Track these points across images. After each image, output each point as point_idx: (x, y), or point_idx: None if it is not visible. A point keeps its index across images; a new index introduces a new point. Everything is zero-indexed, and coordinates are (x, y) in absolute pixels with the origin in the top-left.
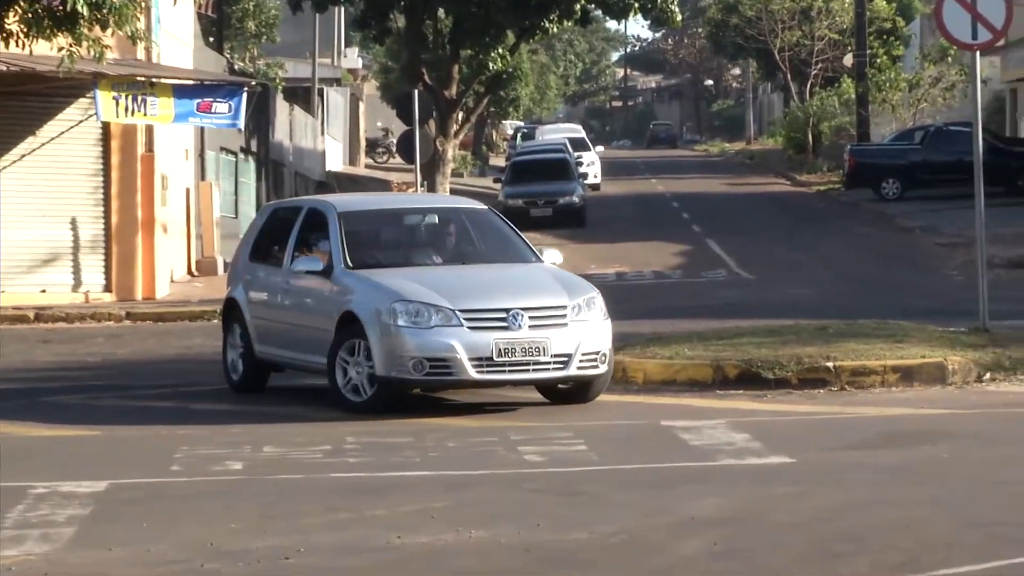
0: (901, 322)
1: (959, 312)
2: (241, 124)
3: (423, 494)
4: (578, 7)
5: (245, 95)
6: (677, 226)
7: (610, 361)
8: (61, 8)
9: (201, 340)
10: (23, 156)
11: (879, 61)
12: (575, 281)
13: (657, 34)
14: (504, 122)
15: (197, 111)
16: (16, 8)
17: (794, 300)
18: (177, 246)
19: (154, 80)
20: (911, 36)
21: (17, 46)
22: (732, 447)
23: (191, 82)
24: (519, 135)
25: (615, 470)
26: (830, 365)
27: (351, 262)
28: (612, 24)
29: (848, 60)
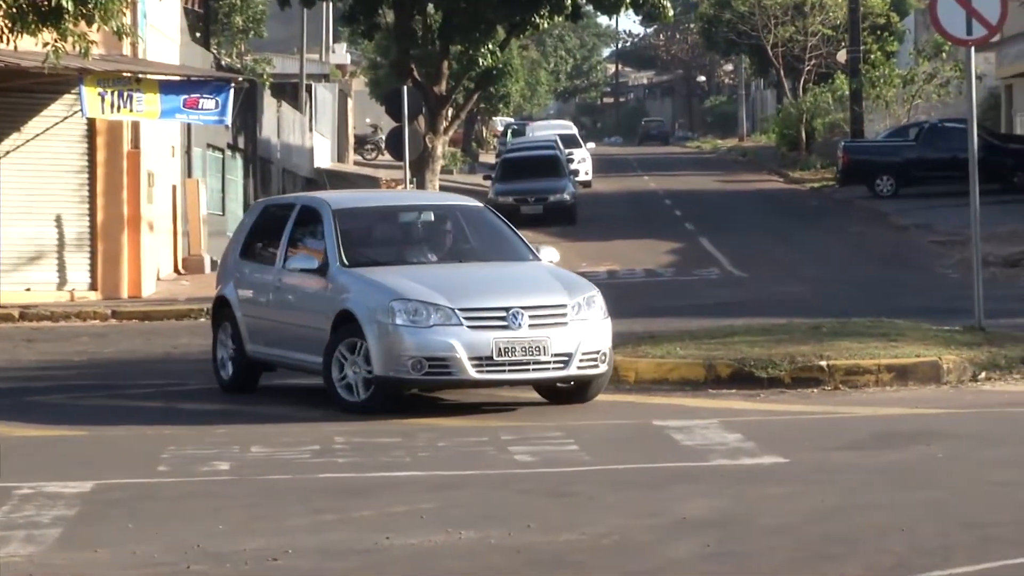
0: (895, 321)
1: (954, 311)
2: (228, 121)
3: (412, 495)
4: (569, 2)
5: (232, 91)
6: (669, 224)
7: (610, 361)
8: (46, 3)
9: (188, 339)
10: (7, 153)
11: (873, 57)
12: (574, 279)
13: (649, 29)
14: (494, 119)
15: (184, 107)
16: (0, 3)
17: (787, 298)
18: (163, 244)
19: (140, 76)
20: (905, 32)
21: (1, 41)
22: (724, 447)
23: (178, 78)
24: (509, 132)
25: (606, 470)
26: (824, 364)
27: (347, 260)
28: (603, 19)
29: (842, 56)
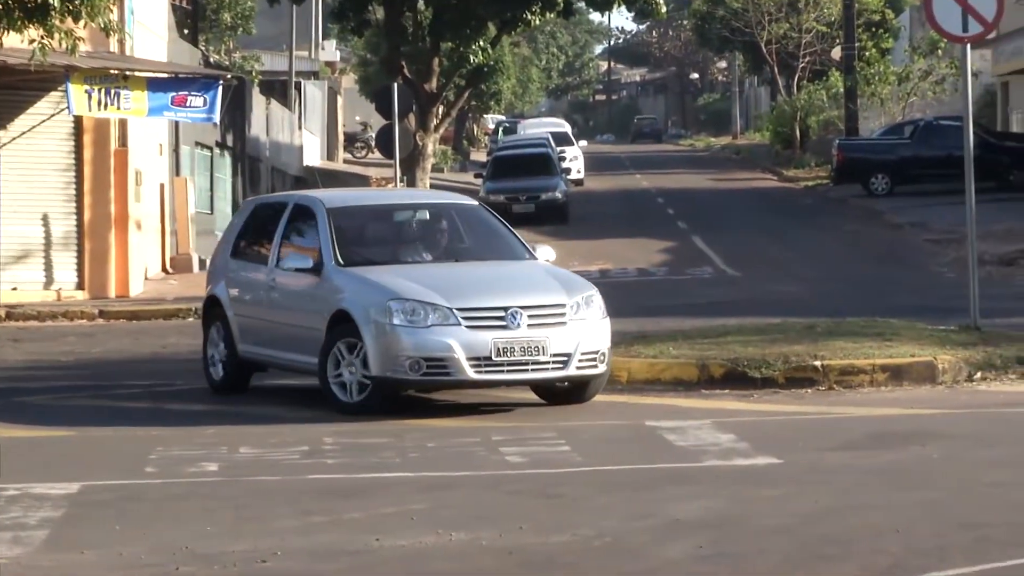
0: (890, 320)
1: (949, 310)
2: (217, 118)
3: (402, 496)
4: None
5: (221, 89)
6: (662, 222)
7: (609, 361)
8: None
9: (176, 339)
10: None
11: (868, 54)
12: (572, 279)
13: (641, 26)
14: (485, 116)
15: (172, 105)
16: None
17: (781, 298)
18: (151, 243)
19: (128, 73)
20: (900, 28)
21: None
22: (718, 448)
23: (165, 75)
24: (501, 129)
25: (598, 471)
26: (818, 364)
27: (342, 259)
28: (595, 16)
29: (836, 53)
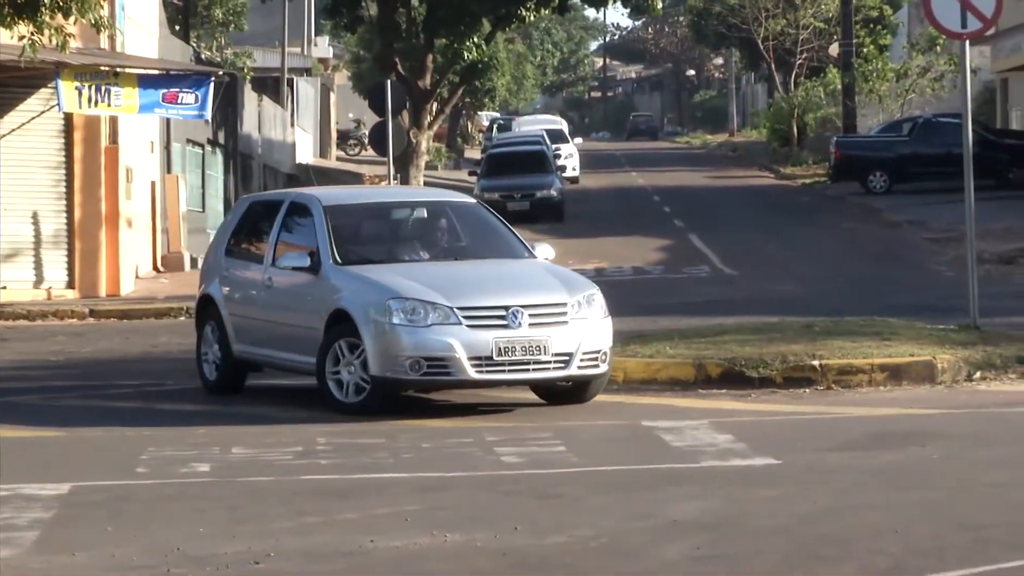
0: (889, 319)
1: (948, 309)
2: (208, 115)
3: (396, 497)
4: None
5: (212, 85)
6: (658, 221)
7: (610, 360)
8: None
9: (167, 338)
10: None
11: (866, 50)
12: (574, 277)
13: (637, 23)
14: (480, 113)
15: (163, 102)
16: None
17: (779, 297)
18: (142, 241)
19: (118, 70)
20: (899, 25)
21: None
22: (715, 448)
23: (156, 72)
24: (495, 126)
25: (594, 472)
26: (816, 364)
27: (339, 258)
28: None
29: (834, 49)
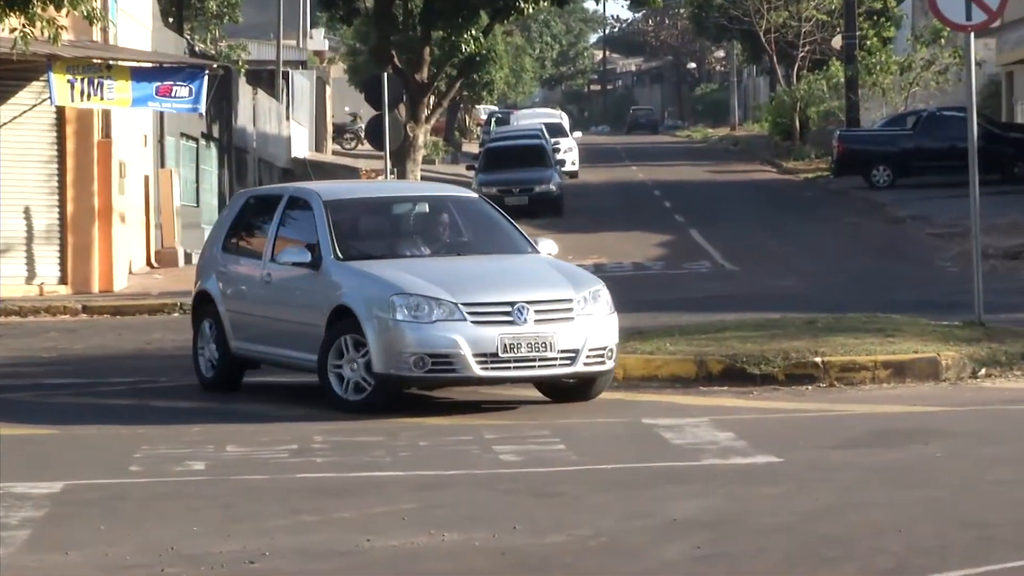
0: (892, 315)
1: (953, 305)
2: (202, 109)
3: (394, 495)
4: None
5: (206, 78)
6: (658, 215)
7: (616, 357)
8: None
9: (161, 334)
10: None
11: (869, 43)
12: (579, 273)
13: (637, 15)
14: (477, 107)
15: (156, 95)
16: None
17: (780, 293)
18: (136, 236)
19: (111, 62)
20: (902, 17)
21: None
22: (716, 446)
23: (150, 65)
24: (493, 120)
25: (594, 470)
26: (818, 360)
27: (341, 253)
28: (590, 4)
29: (837, 42)
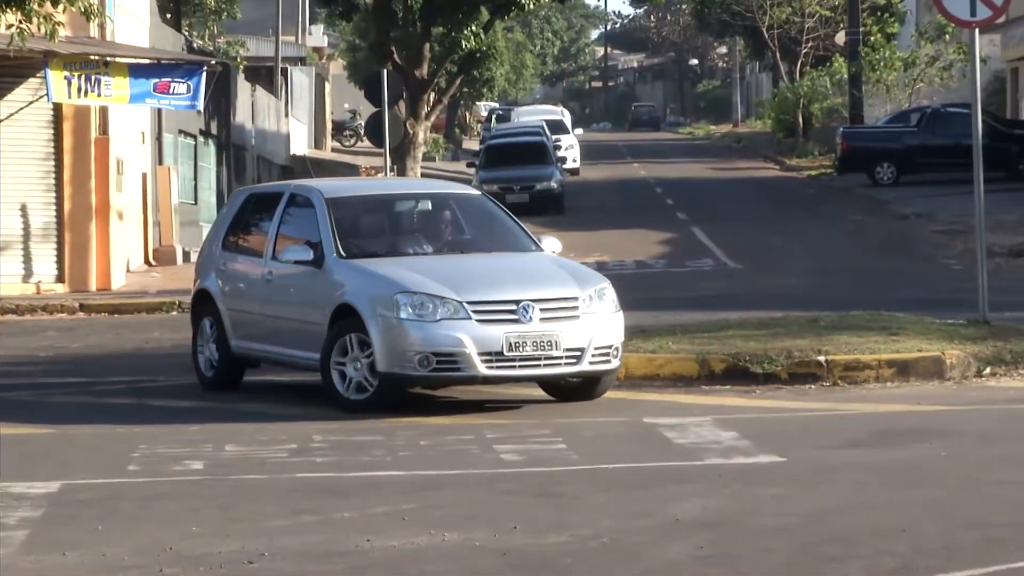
0: (896, 314)
1: (957, 303)
2: (200, 106)
3: (394, 495)
4: None
5: (205, 75)
6: (661, 213)
7: (621, 356)
8: None
9: (159, 333)
10: None
11: (873, 39)
12: (584, 271)
13: (639, 10)
14: (478, 103)
15: (154, 92)
16: None
17: (784, 291)
18: (133, 234)
19: (108, 59)
20: (906, 13)
21: None
22: (718, 445)
23: (148, 61)
24: (494, 117)
25: (595, 470)
26: (822, 359)
27: (343, 251)
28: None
29: (840, 38)
